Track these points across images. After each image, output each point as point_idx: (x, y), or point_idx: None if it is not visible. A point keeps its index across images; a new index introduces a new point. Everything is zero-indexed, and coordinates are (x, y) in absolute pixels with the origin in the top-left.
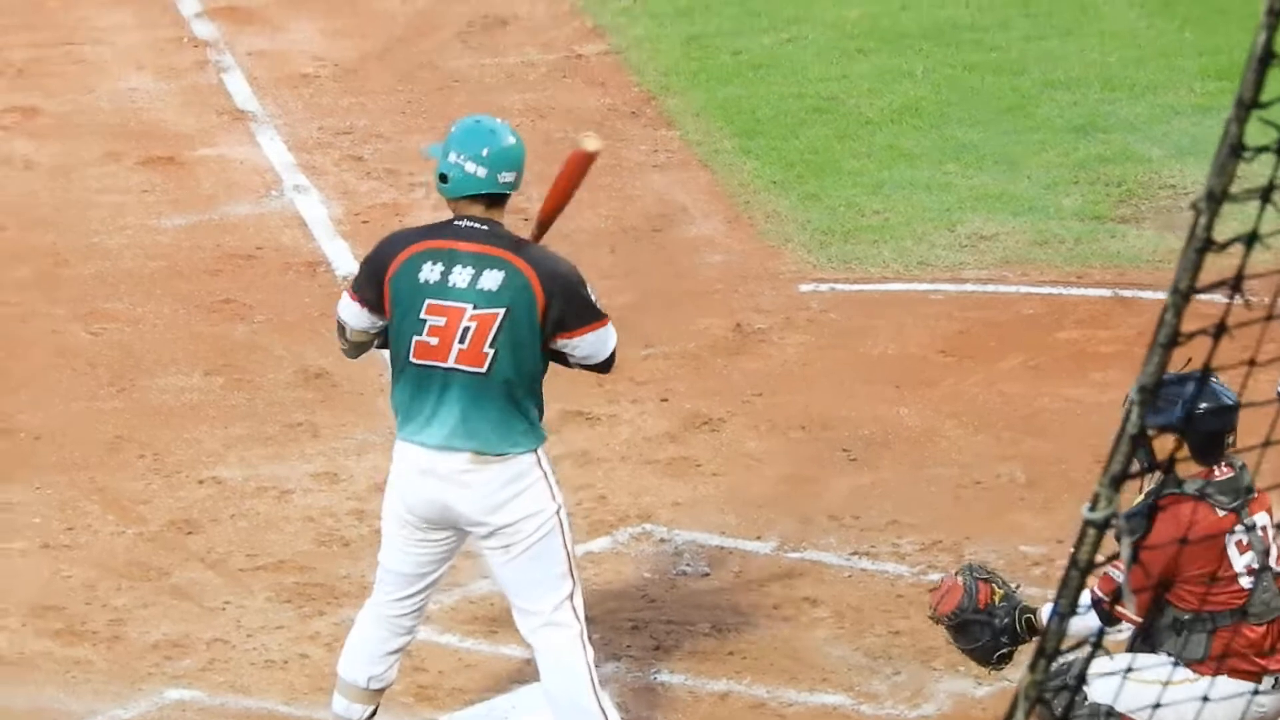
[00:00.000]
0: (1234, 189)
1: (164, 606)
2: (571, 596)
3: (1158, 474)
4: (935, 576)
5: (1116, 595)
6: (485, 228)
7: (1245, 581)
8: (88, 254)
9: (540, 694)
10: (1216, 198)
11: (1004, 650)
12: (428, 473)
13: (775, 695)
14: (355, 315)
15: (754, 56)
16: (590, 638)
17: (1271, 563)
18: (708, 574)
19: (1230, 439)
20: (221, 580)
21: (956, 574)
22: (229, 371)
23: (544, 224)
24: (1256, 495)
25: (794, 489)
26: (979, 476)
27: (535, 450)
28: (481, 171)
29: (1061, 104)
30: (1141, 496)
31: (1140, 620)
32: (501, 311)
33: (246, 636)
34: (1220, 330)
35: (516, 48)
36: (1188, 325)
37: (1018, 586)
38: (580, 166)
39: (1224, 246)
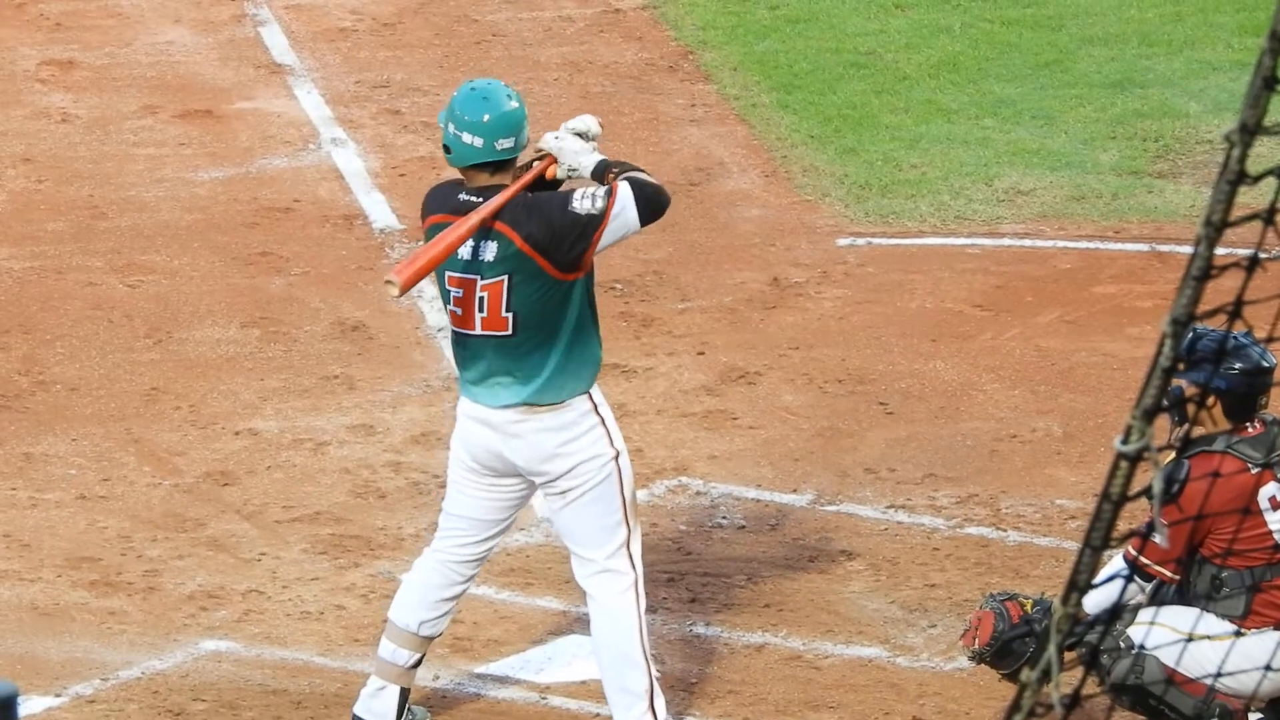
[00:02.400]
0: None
1: (199, 558)
2: (628, 544)
3: (1185, 427)
4: (972, 530)
5: (1149, 533)
6: (480, 199)
7: None
8: (124, 207)
9: (575, 646)
10: (1250, 129)
11: None
12: (484, 423)
13: (811, 647)
14: None
15: (791, 11)
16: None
17: None
18: (744, 527)
19: (1264, 400)
20: (257, 532)
21: (979, 607)
22: (265, 324)
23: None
24: None
25: (830, 442)
26: (1015, 430)
27: (587, 394)
28: (478, 141)
29: (1099, 59)
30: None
31: (1174, 575)
32: (505, 279)
33: (282, 588)
34: (1254, 262)
35: (554, 2)
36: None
37: (1043, 593)
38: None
39: (1258, 179)
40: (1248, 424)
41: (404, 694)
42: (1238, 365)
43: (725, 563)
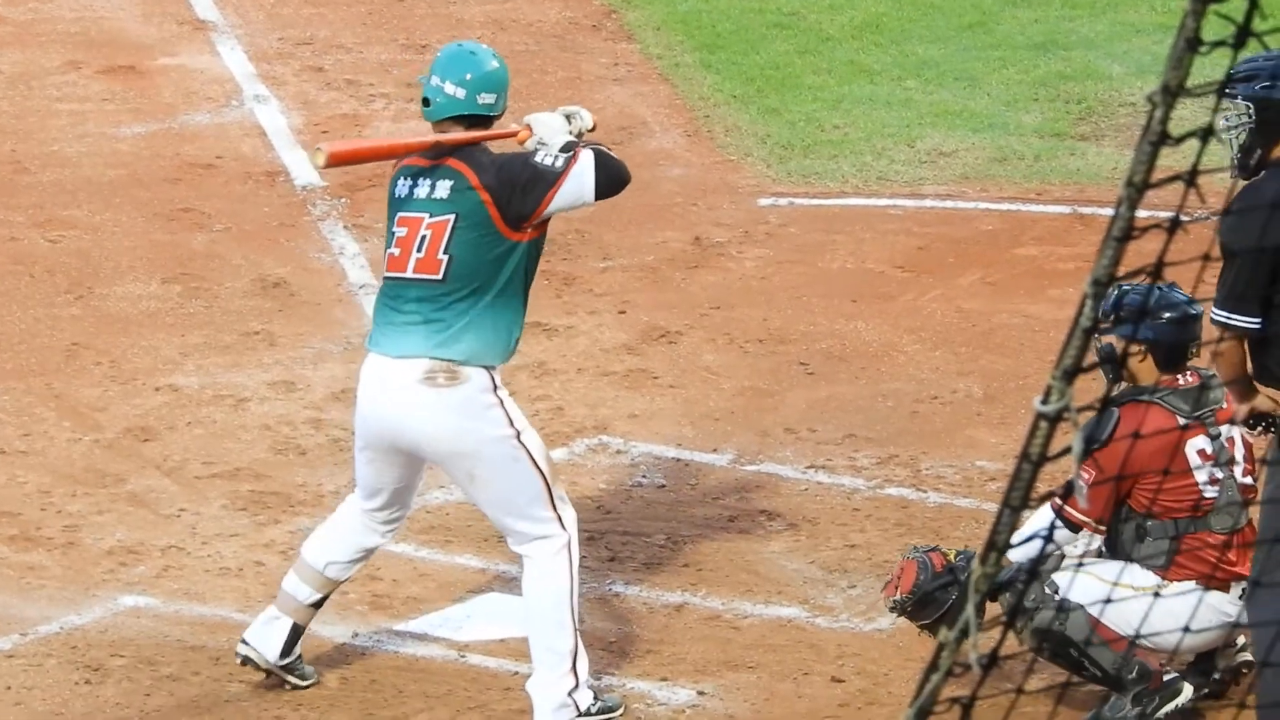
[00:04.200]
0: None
1: (119, 513)
2: (555, 509)
3: (1122, 384)
4: (892, 491)
5: (1069, 491)
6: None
7: (1209, 491)
8: (47, 161)
9: (494, 604)
10: (1172, 91)
11: None
12: (384, 383)
13: (730, 607)
14: None
15: None
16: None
17: (1237, 473)
18: (664, 486)
19: (1194, 348)
20: (177, 488)
21: (902, 558)
22: (187, 280)
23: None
24: (1225, 405)
25: (751, 402)
26: (936, 392)
27: (489, 371)
28: (461, 93)
29: (1023, 21)
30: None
31: (1099, 526)
32: (451, 217)
33: (201, 544)
34: (1175, 224)
35: None
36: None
37: (967, 545)
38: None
39: (1180, 141)
40: (1179, 376)
41: (295, 630)
42: (1166, 315)
43: (645, 522)
